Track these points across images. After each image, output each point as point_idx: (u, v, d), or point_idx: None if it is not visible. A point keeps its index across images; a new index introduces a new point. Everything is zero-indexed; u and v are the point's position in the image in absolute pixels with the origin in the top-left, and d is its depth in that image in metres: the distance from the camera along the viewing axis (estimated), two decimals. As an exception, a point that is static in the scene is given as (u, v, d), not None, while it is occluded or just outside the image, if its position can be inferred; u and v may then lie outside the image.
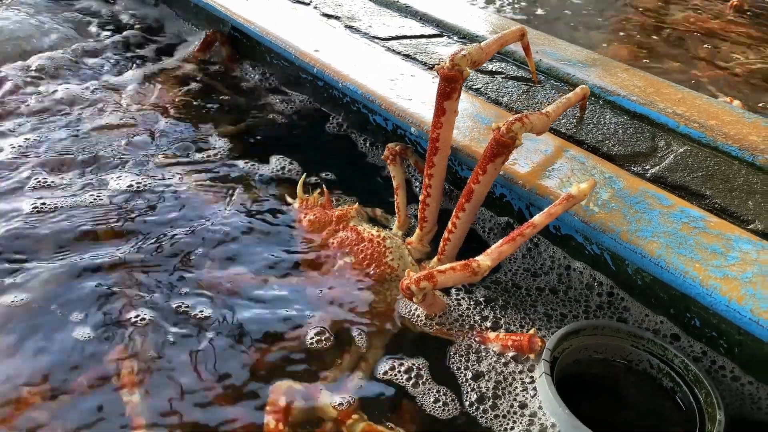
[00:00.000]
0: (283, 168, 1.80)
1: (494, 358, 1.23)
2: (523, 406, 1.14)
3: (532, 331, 1.20)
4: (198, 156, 1.86)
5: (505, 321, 1.31)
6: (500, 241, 1.18)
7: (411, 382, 1.20)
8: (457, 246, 1.38)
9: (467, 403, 1.16)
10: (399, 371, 1.22)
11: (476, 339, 1.26)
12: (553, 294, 1.38)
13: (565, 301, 1.35)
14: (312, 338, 1.27)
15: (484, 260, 1.16)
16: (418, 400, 1.17)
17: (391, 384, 1.20)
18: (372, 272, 1.40)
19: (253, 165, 1.83)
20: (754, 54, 2.82)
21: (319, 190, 1.62)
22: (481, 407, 1.15)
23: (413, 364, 1.23)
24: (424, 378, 1.21)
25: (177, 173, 1.77)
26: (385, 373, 1.22)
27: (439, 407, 1.16)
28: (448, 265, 1.18)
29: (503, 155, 1.21)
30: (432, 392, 1.18)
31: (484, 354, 1.24)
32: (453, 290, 1.37)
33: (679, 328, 1.22)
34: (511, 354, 1.22)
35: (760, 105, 2.40)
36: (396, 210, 1.55)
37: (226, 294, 1.38)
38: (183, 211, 1.62)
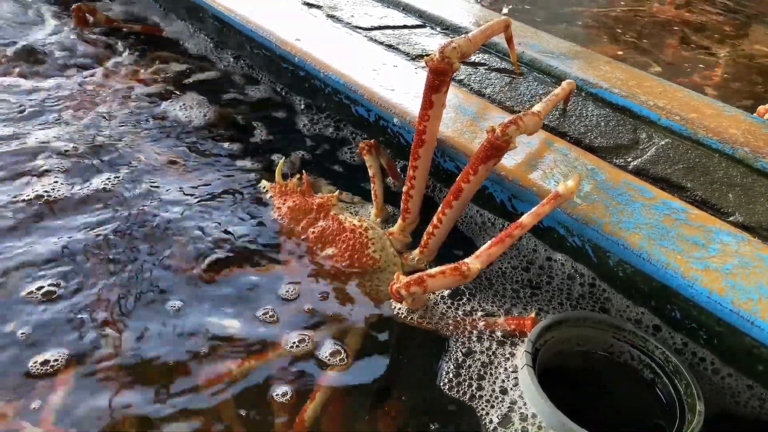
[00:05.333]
0: (261, 154, 1.78)
1: (477, 347, 1.22)
2: (504, 391, 1.14)
3: (532, 314, 1.20)
4: (173, 136, 1.86)
5: (482, 310, 1.31)
6: (489, 243, 1.18)
7: (391, 372, 1.19)
8: (440, 241, 1.38)
9: (447, 387, 1.16)
10: (376, 362, 1.21)
11: (480, 325, 1.25)
12: (534, 286, 1.37)
13: (547, 292, 1.35)
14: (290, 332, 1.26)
15: (474, 263, 1.15)
16: (396, 389, 1.17)
17: (370, 373, 1.19)
18: (353, 264, 1.38)
19: (229, 148, 1.81)
20: (730, 47, 2.85)
21: (298, 176, 1.59)
22: (464, 393, 1.15)
23: (393, 355, 1.22)
24: (404, 366, 1.20)
25: (151, 152, 1.76)
26: (362, 363, 1.21)
27: (418, 396, 1.15)
28: (438, 269, 1.18)
29: (496, 157, 1.21)
30: (410, 380, 1.18)
31: (467, 342, 1.23)
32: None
33: (660, 319, 1.22)
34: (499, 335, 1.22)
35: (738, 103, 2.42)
36: (373, 198, 1.54)
37: (199, 278, 1.36)
38: (154, 193, 1.61)
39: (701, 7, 3.33)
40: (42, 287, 1.30)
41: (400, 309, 1.30)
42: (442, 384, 1.16)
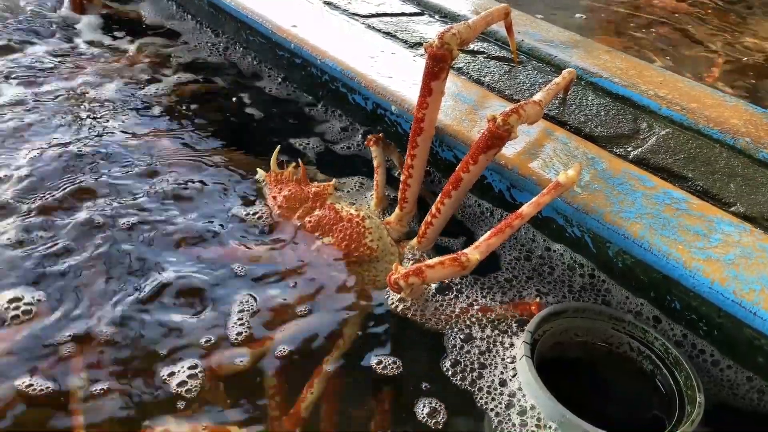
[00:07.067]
0: (256, 142, 1.76)
1: (479, 334, 1.21)
2: (503, 383, 1.13)
3: (537, 299, 1.21)
4: (164, 121, 1.85)
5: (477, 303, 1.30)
6: (488, 233, 1.16)
7: (387, 366, 1.18)
8: (438, 230, 1.36)
9: (449, 374, 1.15)
10: (376, 355, 1.20)
11: (484, 314, 1.24)
12: (536, 276, 1.36)
13: (549, 283, 1.34)
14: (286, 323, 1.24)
15: (473, 254, 1.14)
16: (392, 380, 1.16)
17: (368, 367, 1.18)
18: (351, 253, 1.36)
19: (225, 136, 1.79)
20: (723, 42, 2.83)
21: (294, 164, 1.57)
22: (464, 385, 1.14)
23: (390, 344, 1.21)
24: (401, 360, 1.19)
25: (141, 136, 1.76)
26: (363, 356, 1.20)
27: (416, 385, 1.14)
28: (436, 260, 1.16)
29: (497, 147, 1.19)
30: (409, 370, 1.16)
31: (468, 329, 1.22)
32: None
33: (660, 310, 1.21)
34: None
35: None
36: (375, 187, 1.52)
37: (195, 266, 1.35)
38: (146, 175, 1.60)
39: (701, 0, 3.30)
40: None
41: (398, 300, 1.28)
42: (441, 374, 1.15)
